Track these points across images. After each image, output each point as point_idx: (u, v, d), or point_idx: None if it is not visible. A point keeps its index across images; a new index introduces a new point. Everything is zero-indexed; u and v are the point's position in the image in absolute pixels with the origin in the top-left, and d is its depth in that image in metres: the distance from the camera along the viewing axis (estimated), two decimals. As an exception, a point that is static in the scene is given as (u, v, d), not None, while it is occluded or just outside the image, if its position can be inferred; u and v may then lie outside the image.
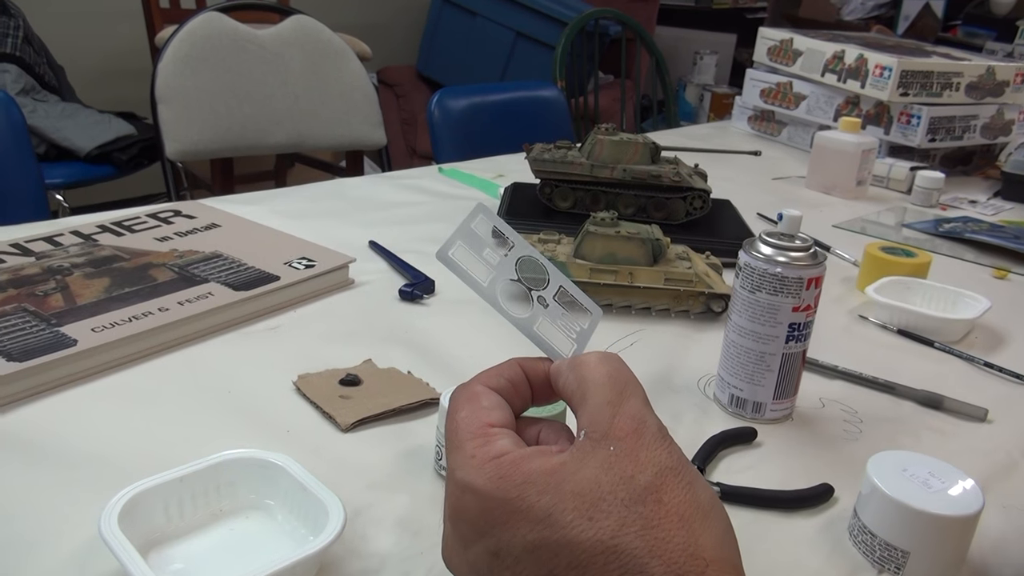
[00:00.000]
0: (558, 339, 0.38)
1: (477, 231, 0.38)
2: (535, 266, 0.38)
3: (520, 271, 0.38)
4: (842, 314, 0.81)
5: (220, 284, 0.71)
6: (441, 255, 0.37)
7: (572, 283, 0.39)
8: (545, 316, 0.38)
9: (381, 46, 2.80)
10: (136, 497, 0.41)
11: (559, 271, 0.39)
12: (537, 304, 0.38)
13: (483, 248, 0.38)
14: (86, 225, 0.83)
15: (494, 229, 0.38)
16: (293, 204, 1.01)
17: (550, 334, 0.38)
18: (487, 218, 0.38)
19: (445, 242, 0.37)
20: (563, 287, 0.39)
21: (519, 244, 0.38)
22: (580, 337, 0.39)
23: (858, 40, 1.48)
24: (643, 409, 0.32)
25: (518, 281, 0.38)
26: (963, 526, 0.43)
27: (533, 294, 0.38)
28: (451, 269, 0.37)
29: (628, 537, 0.28)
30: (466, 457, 0.31)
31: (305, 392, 0.58)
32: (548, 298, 0.38)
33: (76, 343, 0.59)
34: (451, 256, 0.37)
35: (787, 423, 0.60)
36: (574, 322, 0.38)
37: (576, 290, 0.39)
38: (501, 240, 0.38)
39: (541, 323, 0.38)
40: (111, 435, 0.52)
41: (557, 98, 1.79)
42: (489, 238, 0.38)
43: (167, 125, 1.47)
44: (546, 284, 0.38)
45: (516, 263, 0.38)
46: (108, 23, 2.66)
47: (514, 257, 0.38)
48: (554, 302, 0.38)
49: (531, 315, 0.38)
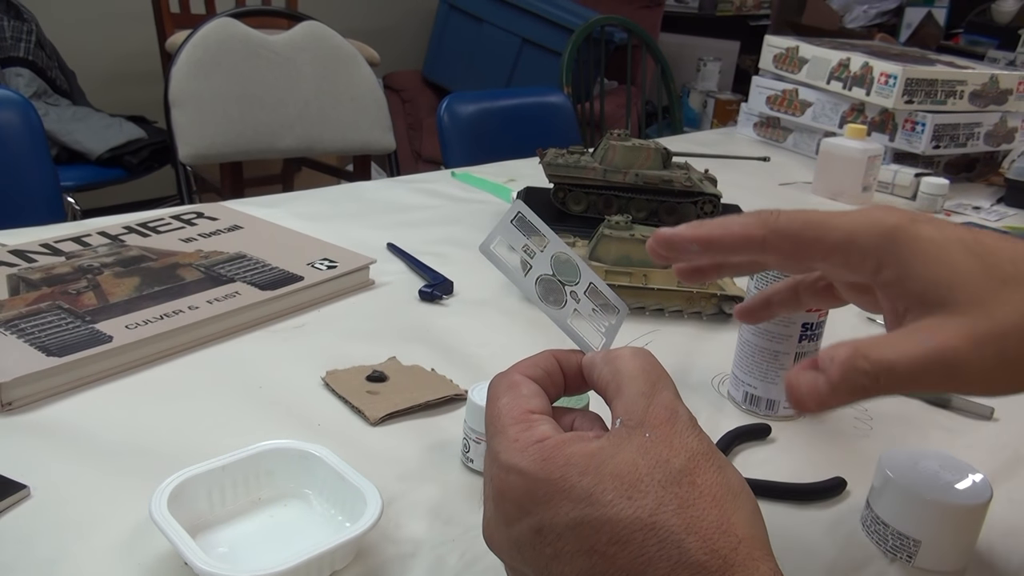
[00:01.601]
0: (589, 332, 0.40)
1: (516, 227, 0.40)
2: (568, 262, 0.40)
3: (554, 266, 0.40)
4: (852, 315, 0.83)
5: (246, 284, 0.73)
6: (484, 248, 0.39)
7: (601, 281, 0.41)
8: (577, 311, 0.40)
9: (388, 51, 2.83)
10: (183, 484, 0.43)
11: (589, 269, 0.41)
12: (570, 298, 0.40)
13: (521, 243, 0.40)
14: (112, 226, 0.85)
15: (531, 225, 0.40)
16: (311, 207, 1.03)
17: (582, 328, 0.40)
18: (525, 214, 0.40)
19: (487, 236, 0.39)
20: (593, 284, 0.41)
21: (553, 241, 0.40)
22: (608, 332, 0.41)
23: (863, 48, 1.51)
24: (675, 400, 0.34)
25: (553, 276, 0.40)
26: (973, 515, 0.45)
27: (567, 288, 0.40)
28: (492, 262, 0.39)
29: (665, 515, 0.30)
30: (510, 441, 0.33)
31: (334, 387, 0.60)
32: (580, 293, 0.40)
33: (112, 339, 0.61)
34: (492, 250, 0.39)
35: (800, 420, 0.62)
36: (603, 317, 0.40)
37: (605, 287, 0.41)
38: (537, 236, 0.40)
39: (574, 317, 0.40)
40: (151, 426, 0.54)
41: (564, 104, 1.81)
42: (526, 234, 0.40)
43: (180, 129, 1.49)
44: (578, 280, 0.41)
45: (551, 259, 0.40)
46: (119, 28, 2.69)
47: (549, 253, 0.40)
48: (585, 297, 0.41)
49: (565, 309, 0.40)
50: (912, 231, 0.34)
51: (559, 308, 0.40)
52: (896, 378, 0.32)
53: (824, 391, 0.32)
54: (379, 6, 3.41)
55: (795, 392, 0.33)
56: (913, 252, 0.33)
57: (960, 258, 0.33)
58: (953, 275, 0.32)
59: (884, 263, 0.34)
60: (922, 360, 0.31)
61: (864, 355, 0.32)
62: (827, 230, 0.35)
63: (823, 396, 0.32)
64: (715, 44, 3.74)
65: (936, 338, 0.32)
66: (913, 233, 0.34)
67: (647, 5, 3.29)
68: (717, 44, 3.74)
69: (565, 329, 0.40)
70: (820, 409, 0.32)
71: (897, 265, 0.34)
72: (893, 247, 0.34)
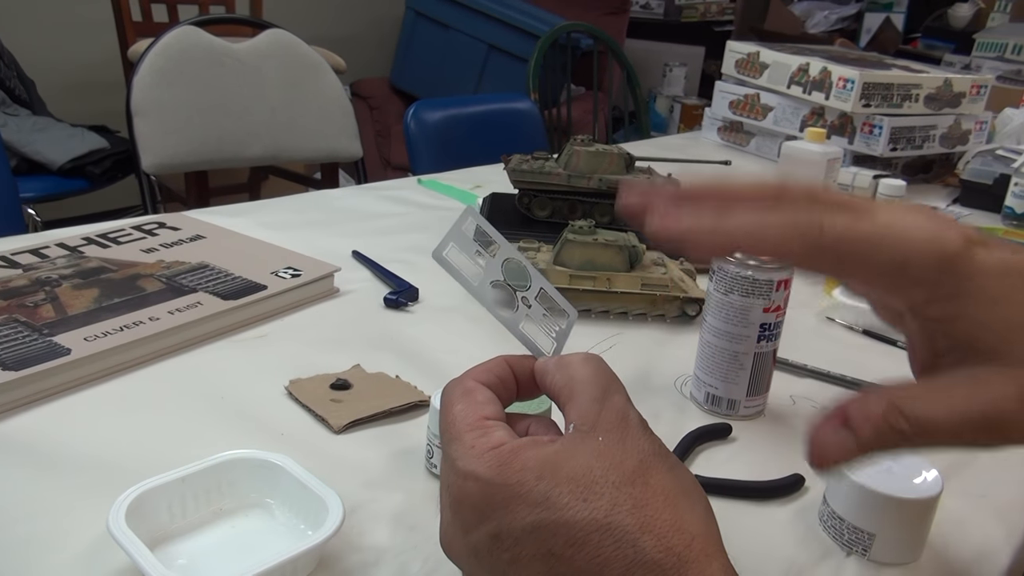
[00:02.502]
0: (540, 337, 0.41)
1: (467, 233, 0.40)
2: (518, 268, 0.41)
3: (505, 272, 0.41)
4: (810, 316, 0.84)
5: (208, 294, 0.72)
6: (436, 255, 0.40)
7: (551, 286, 0.42)
8: (528, 316, 0.41)
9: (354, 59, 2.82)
10: (141, 496, 0.43)
11: (539, 274, 0.42)
12: (521, 304, 0.41)
13: (473, 249, 0.40)
14: (71, 238, 0.84)
15: (482, 231, 0.40)
16: (276, 215, 1.02)
17: (533, 332, 0.41)
18: (476, 221, 0.40)
19: (439, 243, 0.40)
20: (543, 289, 0.41)
21: (504, 247, 0.41)
22: (559, 336, 0.41)
23: (822, 53, 1.53)
24: (626, 404, 0.35)
25: (504, 282, 0.41)
26: (924, 508, 0.46)
27: (518, 295, 0.41)
28: (445, 268, 0.40)
29: (620, 515, 0.31)
30: (466, 447, 0.34)
31: (297, 396, 0.60)
32: (531, 299, 0.41)
33: (70, 352, 0.60)
34: (445, 256, 0.40)
35: (760, 419, 0.63)
36: (553, 322, 0.41)
37: (555, 292, 0.42)
38: (488, 242, 0.40)
39: (525, 322, 0.41)
40: (110, 439, 0.54)
41: (531, 110, 1.82)
42: (478, 240, 0.40)
43: (143, 138, 1.47)
44: (528, 286, 0.41)
45: (502, 265, 0.40)
46: (79, 36, 2.64)
47: (500, 259, 0.41)
48: (536, 303, 0.41)
49: (516, 314, 0.40)
50: (976, 262, 0.29)
51: (510, 313, 0.40)
52: (934, 437, 0.30)
53: (852, 450, 0.30)
54: (345, 14, 3.40)
55: (819, 451, 0.31)
56: (971, 290, 0.29)
57: (1021, 298, 0.29)
58: (1010, 322, 0.29)
59: (936, 297, 0.30)
60: (966, 419, 0.29)
61: (901, 412, 0.29)
62: (877, 249, 0.30)
63: (850, 454, 0.30)
64: (680, 50, 3.78)
65: (984, 395, 0.29)
66: (976, 265, 0.29)
67: (613, 11, 3.32)
68: (682, 50, 3.78)
69: (517, 334, 0.40)
70: (844, 466, 0.31)
71: (950, 301, 0.30)
72: (951, 280, 0.30)
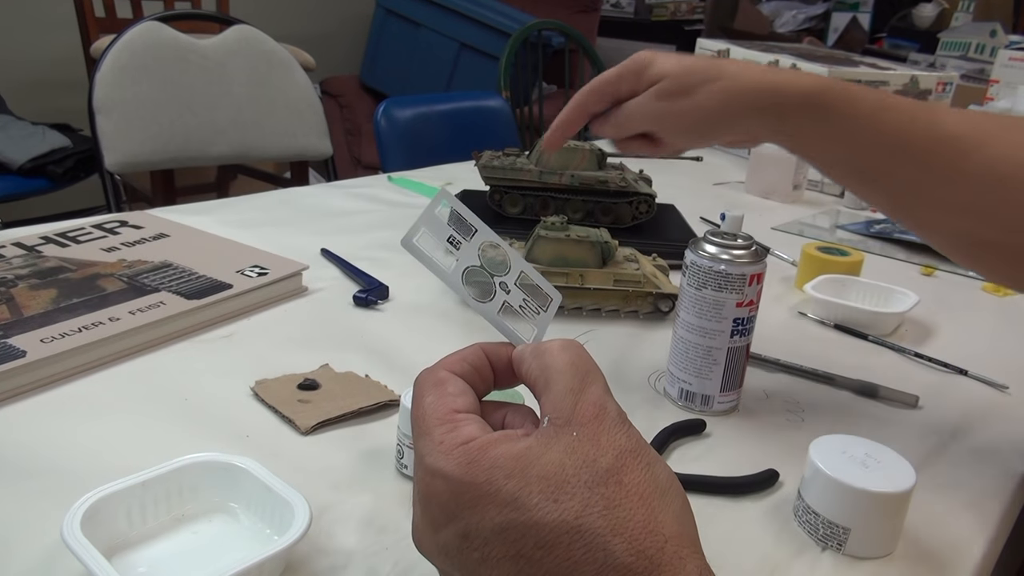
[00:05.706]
0: (519, 324, 0.39)
1: (441, 217, 0.38)
2: (497, 252, 0.39)
3: (483, 257, 0.39)
4: (783, 311, 0.84)
5: (172, 293, 0.70)
6: (406, 242, 0.38)
7: (532, 268, 0.40)
8: (507, 302, 0.39)
9: (324, 56, 2.79)
10: (98, 503, 0.41)
11: (520, 256, 0.40)
12: (499, 290, 0.39)
13: (446, 234, 0.38)
14: (28, 237, 0.81)
15: (457, 215, 0.39)
16: (243, 214, 1.00)
17: (512, 319, 0.39)
18: (450, 204, 0.39)
19: (409, 229, 0.38)
20: (524, 272, 0.40)
21: (481, 230, 0.39)
22: (540, 322, 0.40)
23: (791, 51, 1.54)
24: (604, 396, 0.34)
25: (481, 267, 0.39)
26: (897, 502, 0.46)
27: (495, 280, 0.39)
28: (416, 256, 0.38)
29: (591, 517, 0.30)
30: (434, 443, 0.32)
31: (263, 397, 0.58)
32: (510, 283, 0.39)
33: (25, 354, 0.58)
34: (416, 243, 0.38)
35: (734, 414, 0.63)
36: (535, 307, 0.39)
37: (537, 275, 0.40)
38: (464, 226, 0.39)
39: (503, 308, 0.39)
40: (67, 444, 0.52)
41: (503, 108, 1.81)
42: (452, 224, 0.39)
43: (106, 136, 1.44)
44: (508, 270, 0.39)
45: (479, 249, 0.39)
46: (41, 33, 2.58)
47: (476, 243, 0.39)
48: (516, 287, 0.39)
49: (493, 301, 0.39)
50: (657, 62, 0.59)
51: (487, 301, 0.39)
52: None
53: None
54: (314, 11, 3.36)
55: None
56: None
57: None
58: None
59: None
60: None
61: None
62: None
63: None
64: (651, 48, 3.79)
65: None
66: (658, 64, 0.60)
67: (583, 10, 3.33)
68: (653, 48, 3.79)
69: (494, 322, 0.38)
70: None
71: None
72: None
